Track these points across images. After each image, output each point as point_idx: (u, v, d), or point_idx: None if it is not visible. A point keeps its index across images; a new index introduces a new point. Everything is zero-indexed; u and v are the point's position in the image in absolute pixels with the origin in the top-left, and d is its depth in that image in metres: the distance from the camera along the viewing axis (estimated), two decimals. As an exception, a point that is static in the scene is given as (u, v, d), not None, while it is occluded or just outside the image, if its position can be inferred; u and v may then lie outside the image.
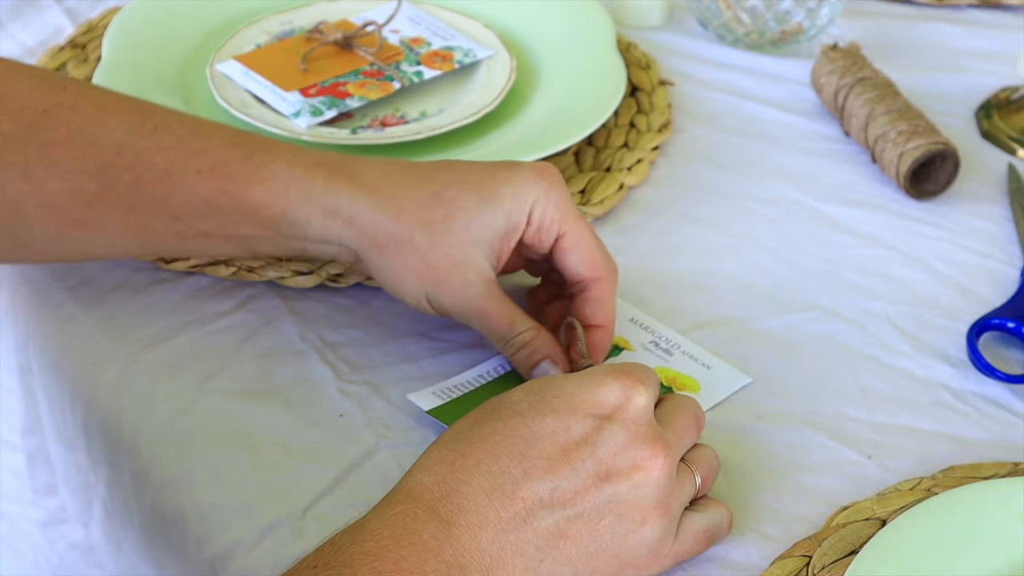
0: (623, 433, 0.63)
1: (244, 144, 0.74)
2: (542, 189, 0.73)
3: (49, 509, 0.89)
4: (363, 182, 0.73)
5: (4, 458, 0.91)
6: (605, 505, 0.62)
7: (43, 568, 0.92)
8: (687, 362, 0.78)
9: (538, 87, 0.97)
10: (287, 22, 1.01)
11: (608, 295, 0.75)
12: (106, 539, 0.81)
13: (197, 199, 0.73)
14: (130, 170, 0.73)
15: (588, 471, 0.62)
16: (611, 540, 0.62)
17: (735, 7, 1.05)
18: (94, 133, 0.73)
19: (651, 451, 0.63)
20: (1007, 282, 0.85)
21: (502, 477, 0.61)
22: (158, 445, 0.74)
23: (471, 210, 0.73)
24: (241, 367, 0.78)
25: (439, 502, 0.60)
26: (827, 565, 0.66)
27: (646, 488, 0.63)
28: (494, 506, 0.60)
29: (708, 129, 0.99)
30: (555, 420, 0.62)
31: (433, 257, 0.73)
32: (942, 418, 0.76)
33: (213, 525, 0.69)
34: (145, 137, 0.73)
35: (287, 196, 0.73)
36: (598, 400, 0.63)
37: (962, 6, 1.14)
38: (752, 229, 0.89)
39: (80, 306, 0.82)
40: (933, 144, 0.91)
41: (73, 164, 0.73)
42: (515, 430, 0.62)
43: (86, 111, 0.74)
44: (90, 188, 0.73)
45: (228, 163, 0.73)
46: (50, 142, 0.73)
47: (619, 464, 0.62)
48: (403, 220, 0.73)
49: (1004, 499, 0.66)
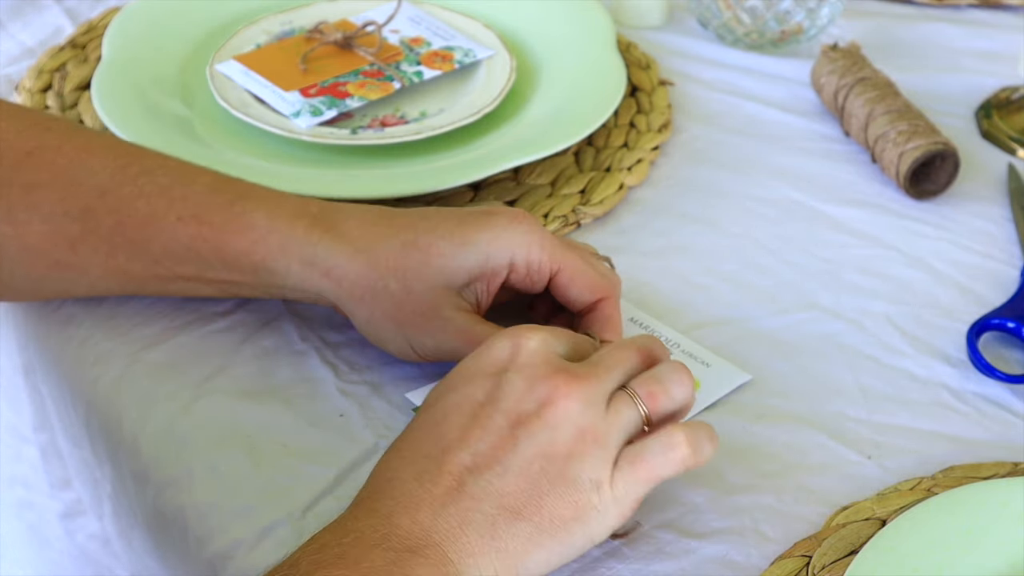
0: (519, 378, 0.63)
1: (226, 190, 0.75)
2: (521, 234, 0.73)
3: (66, 501, 0.89)
4: (341, 233, 0.74)
5: (24, 451, 0.91)
6: (529, 451, 0.62)
7: (67, 557, 0.93)
8: (686, 360, 0.78)
9: (538, 87, 0.97)
10: (287, 22, 1.01)
11: (614, 312, 0.75)
12: (118, 533, 0.81)
13: (178, 245, 0.74)
14: (112, 215, 0.74)
15: (500, 425, 0.62)
16: (548, 483, 0.62)
17: (735, 7, 1.05)
18: (77, 176, 0.74)
19: (552, 384, 0.63)
20: (1007, 282, 0.85)
21: (425, 460, 0.62)
22: (158, 445, 0.74)
23: (445, 255, 0.73)
24: (241, 367, 0.78)
25: (375, 500, 0.62)
26: (827, 565, 0.66)
27: (562, 422, 0.62)
28: (425, 487, 0.61)
29: (708, 129, 0.99)
30: (456, 394, 0.64)
31: (408, 303, 0.73)
32: (942, 418, 0.76)
33: (213, 525, 0.69)
34: (128, 182, 0.74)
35: (266, 246, 0.74)
36: (489, 360, 0.64)
37: (962, 6, 1.14)
38: (752, 229, 0.89)
39: (80, 306, 0.82)
40: (933, 144, 0.91)
41: (56, 207, 0.73)
42: (427, 419, 0.64)
43: (70, 153, 0.74)
44: (72, 231, 0.74)
45: (209, 210, 0.74)
46: (33, 184, 0.73)
47: (525, 407, 0.62)
48: (378, 270, 0.73)
49: (1004, 499, 0.66)
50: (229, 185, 0.75)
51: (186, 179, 0.75)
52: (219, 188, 0.75)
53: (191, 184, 0.75)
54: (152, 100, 0.93)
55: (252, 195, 0.75)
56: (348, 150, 0.91)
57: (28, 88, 0.99)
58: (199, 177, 0.75)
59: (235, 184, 0.76)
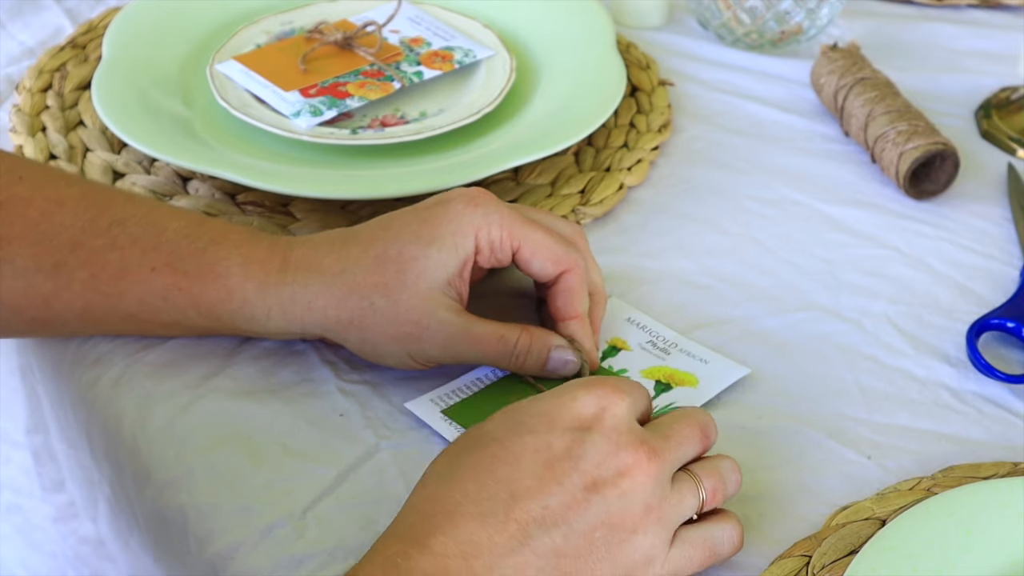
0: (604, 442, 0.62)
1: (197, 236, 0.74)
2: (480, 216, 0.73)
3: (58, 504, 0.89)
4: (314, 264, 0.74)
5: (13, 455, 0.91)
6: (596, 517, 0.61)
7: (59, 560, 0.93)
8: (685, 359, 0.78)
9: (538, 87, 0.97)
10: (287, 22, 1.01)
11: (577, 285, 0.75)
12: (114, 535, 0.81)
13: (153, 296, 0.74)
14: (85, 268, 0.74)
15: (576, 484, 0.61)
16: (606, 552, 0.61)
17: (735, 7, 1.05)
18: (49, 230, 0.73)
19: (635, 456, 0.62)
20: (1007, 282, 0.85)
21: (491, 502, 0.60)
22: (158, 445, 0.74)
23: (418, 258, 0.73)
24: (241, 367, 0.78)
25: (430, 537, 0.59)
26: (827, 565, 0.66)
27: (634, 495, 0.62)
28: (488, 532, 0.60)
29: (708, 129, 0.99)
30: (534, 439, 0.62)
31: (399, 316, 0.73)
32: (942, 418, 0.76)
33: (213, 525, 0.69)
34: (100, 234, 0.74)
35: (243, 294, 0.74)
36: (574, 413, 0.63)
37: (962, 6, 1.14)
38: (752, 229, 0.89)
39: (80, 306, 0.82)
40: (933, 144, 0.91)
41: (28, 262, 0.73)
42: (496, 456, 0.62)
43: (41, 206, 0.74)
44: (45, 288, 0.74)
45: (182, 258, 0.74)
46: (5, 237, 0.73)
47: (604, 473, 0.62)
48: (360, 291, 0.73)
49: (1004, 499, 0.66)
50: (201, 230, 0.75)
51: (158, 227, 0.74)
52: (190, 234, 0.74)
53: (162, 232, 0.74)
54: (152, 100, 0.93)
55: (224, 240, 0.74)
56: (348, 150, 0.91)
57: (28, 88, 0.99)
58: (170, 223, 0.75)
59: (206, 228, 0.75)
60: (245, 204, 0.89)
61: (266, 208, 0.89)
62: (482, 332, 0.73)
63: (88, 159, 0.93)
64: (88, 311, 0.75)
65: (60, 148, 0.93)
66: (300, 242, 0.75)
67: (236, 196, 0.90)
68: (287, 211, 0.89)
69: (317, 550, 0.67)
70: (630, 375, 0.77)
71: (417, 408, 0.74)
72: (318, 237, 0.76)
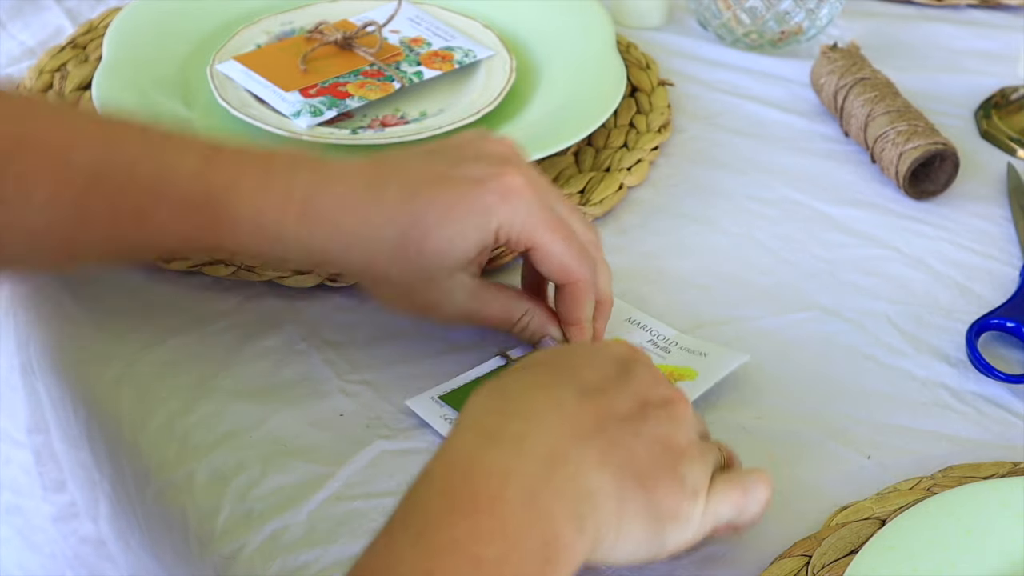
0: (647, 372, 0.65)
1: (210, 182, 0.73)
2: (507, 212, 0.72)
3: (59, 504, 0.89)
4: (332, 222, 0.72)
5: (13, 454, 0.91)
6: (654, 430, 0.62)
7: (59, 560, 0.93)
8: (684, 356, 0.78)
9: (538, 87, 0.97)
10: (287, 22, 1.01)
11: (581, 296, 0.75)
12: (115, 535, 0.81)
13: (173, 238, 0.74)
14: (104, 207, 0.73)
15: (631, 396, 0.63)
16: (664, 472, 0.61)
17: (735, 7, 1.05)
18: (66, 168, 0.73)
19: (674, 391, 0.65)
20: (1006, 282, 0.85)
21: (561, 390, 0.61)
22: (158, 445, 0.74)
23: (440, 252, 0.72)
24: (241, 367, 0.78)
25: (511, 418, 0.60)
26: (827, 565, 0.66)
27: (680, 422, 0.63)
28: (565, 416, 0.60)
29: (708, 129, 0.99)
30: (585, 359, 0.64)
31: (413, 289, 0.74)
32: (942, 418, 0.76)
33: (213, 525, 0.69)
34: (117, 173, 0.73)
35: (257, 245, 0.73)
36: (611, 352, 0.66)
37: (962, 6, 1.14)
38: (752, 229, 0.89)
39: (80, 306, 0.82)
40: (932, 144, 0.91)
41: (48, 199, 0.73)
42: (552, 364, 0.63)
43: (58, 142, 0.73)
44: (66, 225, 0.73)
45: (196, 206, 0.72)
46: (23, 174, 0.72)
47: (652, 397, 0.63)
48: (377, 263, 0.73)
49: (1004, 499, 0.66)
50: (214, 172, 0.73)
51: (171, 168, 0.73)
52: (203, 177, 0.73)
53: (176, 175, 0.73)
54: (152, 100, 0.93)
55: (236, 187, 0.72)
56: (348, 150, 0.91)
57: (29, 88, 0.99)
58: (183, 163, 0.73)
59: (219, 170, 0.73)
60: (245, 204, 0.89)
61: (266, 208, 0.89)
62: (488, 309, 0.76)
63: (88, 159, 0.93)
64: (110, 247, 0.75)
65: None
66: (320, 187, 0.73)
67: (236, 196, 0.89)
68: (287, 211, 0.89)
69: (317, 550, 0.67)
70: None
71: (417, 406, 0.74)
72: (341, 182, 0.73)
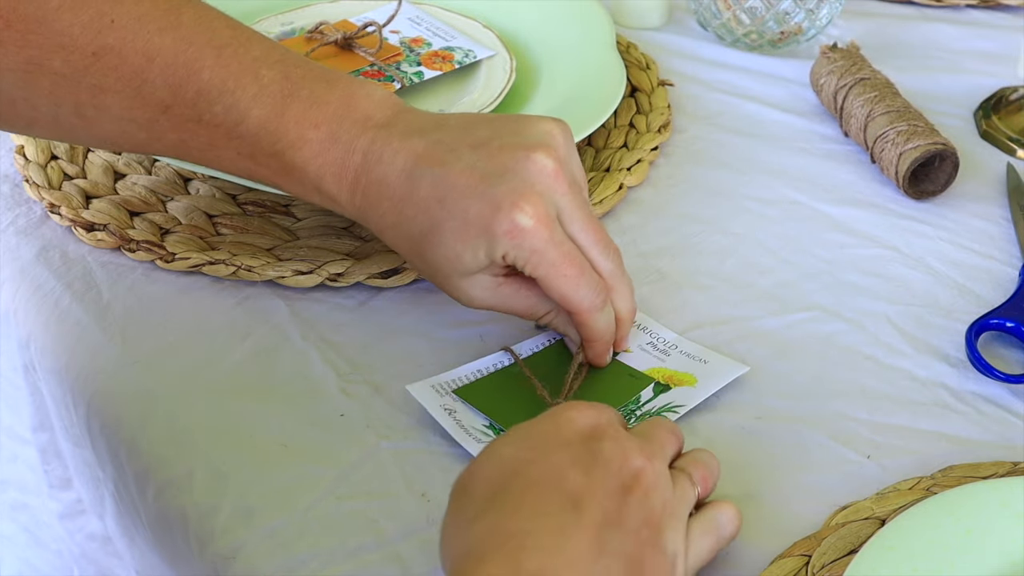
0: (614, 447, 0.63)
1: (276, 134, 0.74)
2: (514, 246, 0.72)
3: (66, 502, 0.89)
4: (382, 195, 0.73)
5: (19, 452, 0.91)
6: (637, 516, 0.61)
7: (66, 558, 0.93)
8: (684, 360, 0.78)
9: (538, 87, 0.97)
10: (288, 23, 1.01)
11: (587, 322, 0.75)
12: (121, 532, 0.81)
13: (239, 171, 0.76)
14: (175, 131, 0.75)
15: (612, 488, 0.61)
16: (651, 553, 0.61)
17: (735, 8, 1.05)
18: (140, 87, 0.74)
19: (641, 458, 0.63)
20: (1006, 282, 0.85)
21: (560, 514, 0.60)
22: (158, 445, 0.74)
23: (449, 253, 0.73)
24: (241, 367, 0.78)
25: (519, 555, 0.58)
26: (826, 564, 0.66)
27: (654, 493, 0.62)
28: (572, 542, 0.59)
29: (708, 129, 0.99)
30: (561, 453, 0.62)
31: (437, 279, 0.75)
32: (941, 418, 0.76)
33: (214, 525, 0.69)
34: (187, 104, 0.74)
35: (319, 196, 0.75)
36: (577, 428, 0.64)
37: (962, 6, 1.14)
38: (752, 229, 0.89)
39: (80, 306, 0.82)
40: (932, 144, 0.91)
41: (123, 113, 0.74)
42: (538, 473, 0.61)
43: (133, 60, 0.73)
44: (140, 137, 0.76)
45: (263, 154, 0.74)
46: (100, 88, 0.73)
47: (625, 476, 0.62)
48: (403, 249, 0.75)
49: (1004, 499, 0.66)
50: (280, 125, 0.74)
51: (240, 113, 0.74)
52: (270, 128, 0.74)
53: (244, 120, 0.74)
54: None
55: (302, 145, 0.74)
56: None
57: (28, 88, 0.99)
58: (252, 110, 0.74)
59: (285, 124, 0.74)
60: (246, 204, 0.89)
61: (267, 208, 0.89)
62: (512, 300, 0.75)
63: (89, 159, 0.93)
64: (179, 157, 0.78)
65: (61, 148, 0.94)
66: (371, 163, 0.73)
67: (237, 196, 0.90)
68: (288, 211, 0.89)
69: (317, 550, 0.67)
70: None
71: (418, 392, 0.74)
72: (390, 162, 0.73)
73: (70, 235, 0.88)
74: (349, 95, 0.75)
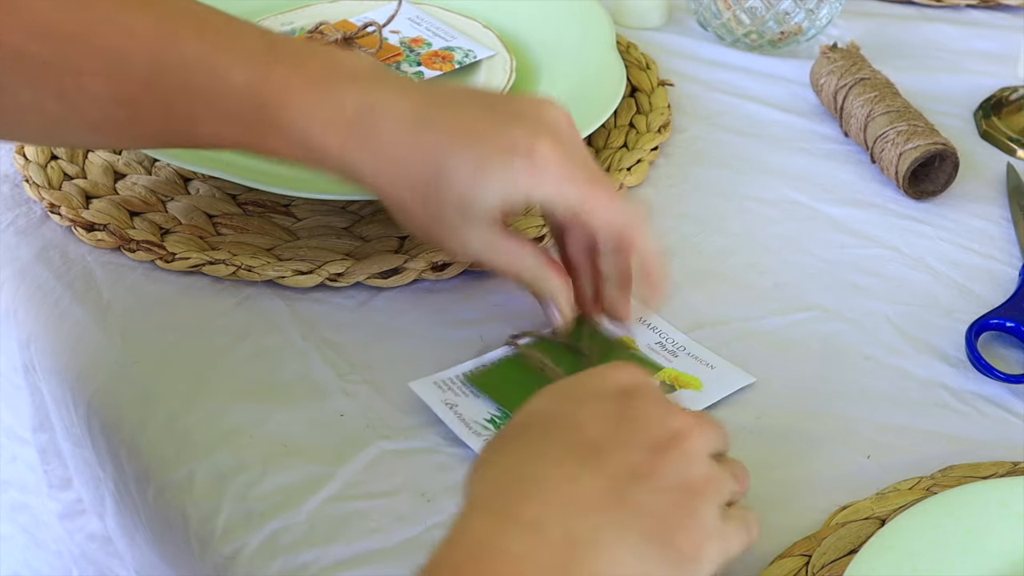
0: (652, 405, 0.62)
1: (263, 95, 0.73)
2: (534, 183, 0.71)
3: (65, 502, 0.89)
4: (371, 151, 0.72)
5: (19, 452, 0.91)
6: (670, 476, 0.59)
7: (66, 558, 0.93)
8: (691, 363, 0.78)
9: (538, 87, 0.97)
10: (288, 22, 1.01)
11: (641, 240, 0.74)
12: (121, 532, 0.81)
13: (224, 140, 0.75)
14: (157, 106, 0.74)
15: (643, 443, 0.60)
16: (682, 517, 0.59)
17: (735, 8, 1.05)
18: (121, 64, 0.73)
19: (683, 421, 0.61)
20: (1006, 282, 0.85)
21: (579, 462, 0.58)
22: (158, 445, 0.74)
23: (462, 196, 0.71)
24: (241, 367, 0.78)
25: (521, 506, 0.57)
26: (826, 564, 0.66)
27: (694, 457, 0.60)
28: (583, 489, 0.57)
29: (708, 129, 0.99)
30: (591, 406, 0.61)
31: (431, 226, 0.73)
32: (941, 418, 0.76)
33: (214, 526, 0.69)
34: (170, 74, 0.73)
35: (305, 151, 0.73)
36: (612, 383, 0.63)
37: (962, 6, 1.14)
38: (752, 229, 0.89)
39: (80, 306, 0.82)
40: (932, 144, 0.91)
41: (104, 93, 0.73)
42: (562, 424, 0.60)
43: (114, 38, 0.73)
44: (121, 117, 0.74)
45: (246, 121, 0.73)
46: (80, 70, 0.72)
47: (662, 436, 0.60)
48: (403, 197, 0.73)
49: (1004, 499, 0.66)
50: (266, 86, 0.73)
51: (223, 77, 0.73)
52: (255, 89, 0.73)
53: (228, 84, 0.73)
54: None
55: (289, 104, 0.72)
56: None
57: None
58: (235, 72, 0.73)
59: (271, 83, 0.73)
60: (246, 204, 0.89)
61: (267, 208, 0.89)
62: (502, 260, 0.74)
63: (89, 159, 0.93)
64: (162, 139, 0.77)
65: (61, 148, 0.94)
66: (369, 113, 0.72)
67: (237, 196, 0.90)
68: (288, 212, 0.89)
69: (317, 550, 0.67)
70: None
71: (420, 389, 0.74)
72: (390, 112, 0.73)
73: (70, 235, 0.88)
74: (332, 56, 0.74)
